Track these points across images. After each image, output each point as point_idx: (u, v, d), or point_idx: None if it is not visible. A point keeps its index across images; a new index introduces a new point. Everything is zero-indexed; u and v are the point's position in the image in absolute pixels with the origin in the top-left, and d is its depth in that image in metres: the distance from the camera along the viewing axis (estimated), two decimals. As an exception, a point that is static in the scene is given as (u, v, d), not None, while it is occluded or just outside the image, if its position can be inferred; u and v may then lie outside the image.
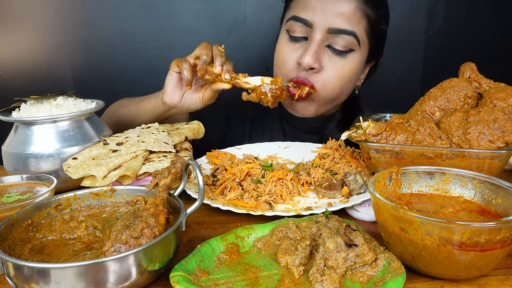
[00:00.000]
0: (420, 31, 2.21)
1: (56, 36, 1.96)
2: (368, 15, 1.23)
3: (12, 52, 1.96)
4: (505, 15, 2.26)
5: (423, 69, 2.27)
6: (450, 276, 0.67)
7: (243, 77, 1.12)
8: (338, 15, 1.20)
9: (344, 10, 1.20)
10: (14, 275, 0.60)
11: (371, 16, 1.24)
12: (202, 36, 2.04)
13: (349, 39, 1.22)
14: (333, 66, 1.25)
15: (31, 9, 1.92)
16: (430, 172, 0.82)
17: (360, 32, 1.23)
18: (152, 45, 2.03)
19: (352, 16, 1.21)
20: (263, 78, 1.11)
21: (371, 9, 1.24)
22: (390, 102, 1.60)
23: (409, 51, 2.23)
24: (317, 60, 1.22)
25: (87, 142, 1.06)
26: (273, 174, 1.02)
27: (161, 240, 0.63)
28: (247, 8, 2.04)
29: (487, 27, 2.26)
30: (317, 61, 1.22)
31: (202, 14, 2.02)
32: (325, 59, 1.24)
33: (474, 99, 1.03)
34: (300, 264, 0.68)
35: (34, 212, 0.76)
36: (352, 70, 1.28)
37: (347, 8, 1.20)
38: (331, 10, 1.20)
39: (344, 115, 1.47)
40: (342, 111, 1.48)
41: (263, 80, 1.10)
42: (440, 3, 2.18)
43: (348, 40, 1.22)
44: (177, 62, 1.15)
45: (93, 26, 1.97)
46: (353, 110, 1.45)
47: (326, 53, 1.24)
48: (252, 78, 1.11)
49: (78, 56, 2.00)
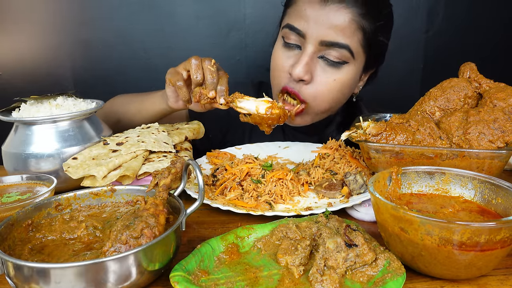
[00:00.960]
0: (420, 31, 2.21)
1: (56, 36, 1.96)
2: (364, 28, 1.19)
3: (12, 52, 1.96)
4: (505, 15, 2.26)
5: (423, 69, 2.27)
6: (450, 276, 0.67)
7: (238, 99, 1.03)
8: (331, 27, 1.16)
9: (338, 22, 1.16)
10: (14, 275, 0.60)
11: (367, 28, 1.20)
12: (202, 36, 2.05)
13: (342, 52, 1.19)
14: (324, 78, 1.22)
15: (31, 9, 1.92)
16: (430, 172, 0.82)
17: (355, 45, 1.20)
18: (152, 45, 2.03)
19: (346, 29, 1.17)
20: (258, 105, 1.01)
21: (368, 21, 1.19)
22: (390, 102, 1.60)
23: (409, 51, 2.23)
24: (307, 72, 1.20)
25: (87, 142, 1.06)
26: (273, 174, 1.02)
27: (161, 240, 0.63)
28: (247, 8, 2.04)
29: (487, 27, 2.26)
30: (307, 72, 1.20)
31: (202, 14, 2.02)
32: (317, 70, 1.22)
33: (474, 99, 1.03)
34: (300, 264, 0.68)
35: (34, 212, 0.76)
36: (346, 82, 1.25)
37: (341, 20, 1.16)
38: (324, 21, 1.16)
39: (344, 118, 1.46)
40: (342, 113, 1.47)
41: (258, 109, 1.01)
42: (440, 3, 2.18)
43: (341, 53, 1.19)
44: (171, 80, 1.09)
45: (93, 26, 1.97)
46: (353, 112, 1.43)
47: (319, 64, 1.22)
48: (247, 103, 1.02)
49: (78, 56, 2.00)
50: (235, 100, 1.03)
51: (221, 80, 1.03)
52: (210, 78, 1.02)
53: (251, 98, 1.03)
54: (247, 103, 1.02)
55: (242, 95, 1.04)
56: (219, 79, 1.03)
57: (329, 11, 1.16)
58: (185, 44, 2.05)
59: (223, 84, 1.03)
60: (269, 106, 1.00)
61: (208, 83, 1.03)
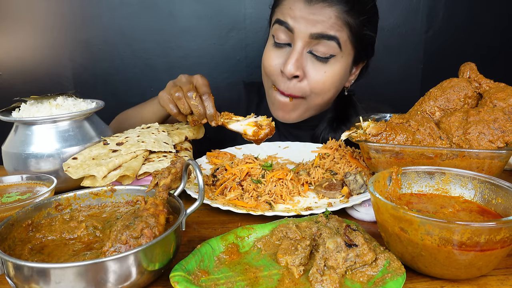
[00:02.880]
0: (420, 31, 2.21)
1: (56, 36, 1.96)
2: (350, 23, 1.22)
3: (12, 52, 1.96)
4: (505, 15, 2.26)
5: (423, 69, 2.27)
6: (450, 276, 0.67)
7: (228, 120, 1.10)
8: (318, 22, 1.19)
9: (323, 18, 1.19)
10: (14, 275, 0.60)
11: (352, 24, 1.22)
12: (202, 36, 2.05)
13: (330, 44, 1.21)
14: (315, 72, 1.25)
15: (31, 9, 1.92)
16: (430, 172, 0.82)
17: (342, 39, 1.22)
18: (152, 45, 2.03)
19: (333, 25, 1.20)
20: (246, 129, 1.08)
21: (353, 17, 1.22)
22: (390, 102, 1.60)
23: (409, 51, 2.23)
24: (299, 68, 1.22)
25: (87, 142, 1.06)
26: (273, 174, 1.02)
27: (161, 240, 0.63)
28: (247, 8, 2.04)
29: (487, 27, 2.26)
30: (299, 68, 1.22)
31: (202, 14, 2.02)
32: (307, 65, 1.24)
33: (474, 99, 1.03)
34: (300, 264, 0.68)
35: (34, 212, 0.76)
36: (336, 75, 1.27)
37: (327, 17, 1.19)
38: (311, 19, 1.19)
39: (337, 113, 1.48)
40: (335, 108, 1.49)
41: (246, 132, 1.08)
42: (440, 3, 2.18)
43: (330, 46, 1.21)
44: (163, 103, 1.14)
45: (93, 26, 1.98)
46: (346, 107, 1.46)
47: (308, 59, 1.24)
48: (235, 126, 1.10)
49: (78, 56, 2.01)
50: (224, 123, 1.10)
51: (207, 106, 1.09)
52: (197, 113, 1.09)
53: (239, 120, 1.10)
54: (235, 126, 1.10)
55: (231, 115, 1.11)
56: (205, 106, 1.09)
57: (314, 10, 1.19)
58: (185, 44, 2.05)
59: (210, 109, 1.09)
60: (255, 130, 1.07)
61: (196, 116, 1.10)
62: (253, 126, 1.08)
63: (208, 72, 2.07)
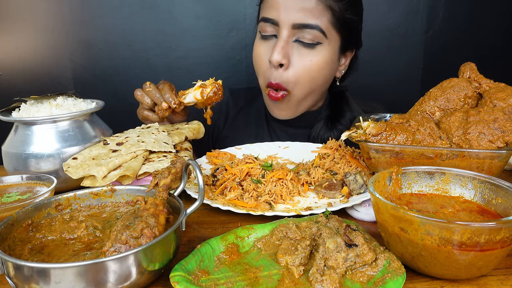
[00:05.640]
0: (420, 31, 2.21)
1: (56, 36, 1.96)
2: (332, 7, 1.25)
3: (12, 52, 1.96)
4: (505, 15, 2.26)
5: (423, 69, 2.27)
6: (450, 276, 0.67)
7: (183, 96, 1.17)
8: (300, 10, 1.23)
9: (305, 5, 1.23)
10: (14, 275, 0.60)
11: (334, 7, 1.25)
12: (202, 36, 2.05)
13: (314, 33, 1.25)
14: (300, 60, 1.27)
15: (31, 9, 1.92)
16: (430, 172, 0.82)
17: (325, 24, 1.25)
18: (152, 45, 2.03)
19: (314, 10, 1.23)
20: (195, 94, 1.16)
21: (334, 0, 1.25)
22: (390, 102, 1.60)
23: (409, 51, 2.23)
24: (285, 56, 1.26)
25: (87, 142, 1.06)
26: (273, 174, 1.02)
27: (161, 240, 0.63)
28: (247, 8, 2.04)
29: (487, 27, 2.26)
30: (285, 57, 1.26)
31: (202, 14, 2.02)
32: (293, 54, 1.27)
33: (474, 99, 1.03)
34: (300, 264, 0.68)
35: (34, 212, 0.76)
36: (322, 62, 1.29)
37: (309, 3, 1.23)
38: (293, 6, 1.23)
39: (331, 110, 1.49)
40: (329, 105, 1.50)
41: (196, 97, 1.16)
42: (440, 3, 2.18)
43: (314, 34, 1.25)
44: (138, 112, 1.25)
45: (93, 26, 1.98)
46: (339, 104, 1.48)
47: (295, 48, 1.28)
48: (188, 97, 1.17)
49: (78, 56, 2.01)
50: (181, 100, 1.17)
51: (163, 91, 1.17)
52: (153, 96, 1.17)
53: (189, 91, 1.18)
54: (188, 97, 1.17)
55: (183, 91, 1.18)
56: (161, 91, 1.17)
57: None
58: (185, 44, 2.05)
59: (166, 92, 1.16)
60: (201, 91, 1.15)
61: (155, 101, 1.17)
62: (199, 88, 1.16)
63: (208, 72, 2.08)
